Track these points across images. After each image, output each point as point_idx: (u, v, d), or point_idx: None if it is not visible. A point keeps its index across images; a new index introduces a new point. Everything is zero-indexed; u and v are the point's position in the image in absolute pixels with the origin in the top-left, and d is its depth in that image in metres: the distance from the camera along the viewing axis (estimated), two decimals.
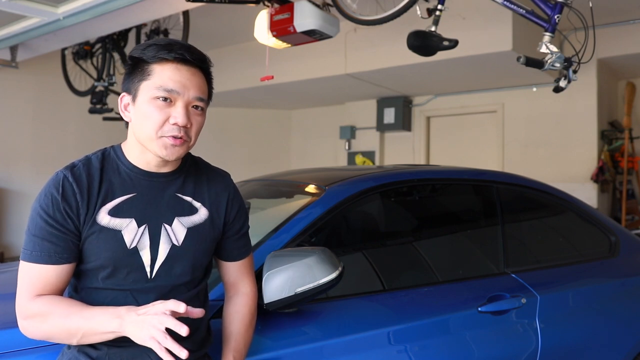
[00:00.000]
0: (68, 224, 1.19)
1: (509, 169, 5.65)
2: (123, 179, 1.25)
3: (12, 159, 6.13)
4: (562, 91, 2.70)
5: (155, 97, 1.19)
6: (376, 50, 5.16)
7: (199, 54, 1.25)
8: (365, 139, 6.85)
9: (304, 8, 3.28)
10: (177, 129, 1.19)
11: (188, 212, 1.29)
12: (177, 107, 1.20)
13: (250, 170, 4.99)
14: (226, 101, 7.12)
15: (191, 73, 1.22)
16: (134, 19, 4.05)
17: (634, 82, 5.91)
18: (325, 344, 1.63)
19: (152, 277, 1.23)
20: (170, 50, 1.20)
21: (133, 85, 1.22)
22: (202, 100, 1.24)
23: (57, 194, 1.18)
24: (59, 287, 1.21)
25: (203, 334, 1.36)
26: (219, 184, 1.38)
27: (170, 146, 1.20)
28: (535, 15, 2.63)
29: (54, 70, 5.71)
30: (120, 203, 1.22)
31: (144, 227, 1.23)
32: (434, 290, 1.98)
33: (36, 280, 1.19)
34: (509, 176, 2.49)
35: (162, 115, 1.19)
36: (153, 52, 1.20)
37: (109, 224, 1.20)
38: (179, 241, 1.26)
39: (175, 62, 1.20)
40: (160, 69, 1.20)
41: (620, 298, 2.37)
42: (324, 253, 1.52)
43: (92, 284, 1.23)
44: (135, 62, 1.23)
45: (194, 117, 1.23)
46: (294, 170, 2.78)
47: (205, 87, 1.26)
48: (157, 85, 1.19)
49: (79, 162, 1.24)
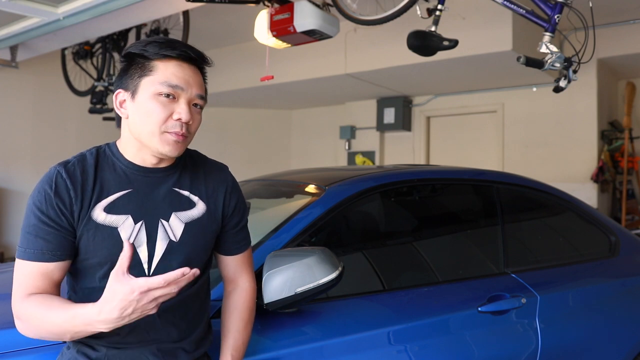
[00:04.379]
0: (61, 220, 1.17)
1: (509, 169, 5.65)
2: (119, 175, 1.24)
3: (12, 159, 6.13)
4: (562, 91, 2.70)
5: (159, 93, 1.18)
6: (376, 50, 5.16)
7: (200, 53, 1.26)
8: (365, 139, 6.85)
9: (304, 8, 3.28)
10: (180, 125, 1.19)
11: (185, 207, 1.28)
12: (181, 104, 1.20)
13: (250, 170, 4.99)
14: (226, 101, 7.12)
15: (193, 71, 1.23)
16: (134, 19, 4.05)
17: (634, 82, 5.91)
18: (325, 344, 1.63)
19: (150, 273, 1.22)
20: (174, 47, 1.20)
21: (132, 81, 1.21)
22: (203, 99, 1.25)
23: (50, 190, 1.17)
24: (53, 285, 1.19)
25: (202, 333, 1.35)
26: (217, 177, 1.36)
27: (173, 142, 1.20)
28: (535, 15, 2.63)
29: (54, 70, 5.71)
30: (116, 199, 1.21)
31: (141, 223, 1.22)
32: (434, 290, 1.98)
33: (29, 277, 1.17)
34: (509, 176, 2.49)
35: (166, 111, 1.19)
36: (156, 49, 1.19)
37: (105, 220, 1.19)
38: (176, 236, 1.25)
39: (179, 60, 1.21)
40: (163, 65, 1.20)
41: (620, 298, 2.37)
42: (324, 253, 1.52)
43: (90, 283, 1.22)
44: (133, 59, 1.22)
45: (195, 115, 1.24)
46: (294, 170, 2.78)
47: (204, 87, 1.27)
48: (161, 80, 1.18)
49: (73, 159, 1.24)
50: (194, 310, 1.31)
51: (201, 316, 1.35)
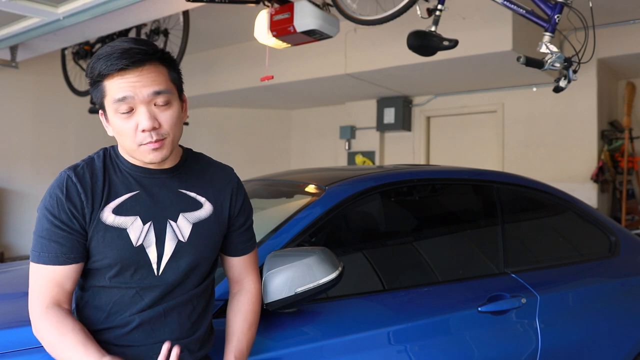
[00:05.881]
0: (74, 223, 1.19)
1: (509, 169, 5.65)
2: (125, 177, 1.26)
3: (12, 159, 6.13)
4: (562, 91, 2.70)
5: (117, 111, 1.18)
6: (376, 50, 5.16)
7: (142, 49, 1.17)
8: (365, 139, 6.85)
9: (304, 8, 3.28)
10: (149, 135, 1.18)
11: (193, 208, 1.29)
12: (139, 113, 1.17)
13: (250, 170, 4.98)
14: (226, 101, 7.12)
15: (138, 73, 1.16)
16: (134, 19, 4.05)
17: (634, 82, 5.91)
18: (325, 344, 1.63)
19: (159, 273, 1.24)
20: (108, 63, 1.15)
21: (101, 104, 1.22)
22: (161, 93, 1.18)
23: (61, 195, 1.19)
24: (68, 288, 1.22)
25: (206, 333, 1.36)
26: (223, 178, 1.38)
27: (152, 151, 1.20)
28: (535, 15, 2.63)
29: (54, 70, 5.71)
30: (124, 201, 1.23)
31: (149, 224, 1.23)
32: (434, 290, 1.98)
33: (45, 281, 1.20)
34: (509, 176, 2.49)
35: (130, 125, 1.18)
36: (96, 71, 1.17)
37: (114, 222, 1.21)
38: (184, 237, 1.26)
39: (118, 72, 1.15)
40: (109, 83, 1.17)
41: (620, 298, 2.37)
42: (324, 253, 1.52)
43: (99, 282, 1.24)
44: (92, 84, 1.21)
45: (161, 114, 1.19)
46: (294, 170, 2.78)
47: (162, 78, 1.19)
48: (111, 100, 1.17)
49: (82, 162, 1.26)
50: (198, 309, 1.32)
51: (206, 316, 1.36)
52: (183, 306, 1.28)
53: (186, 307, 1.29)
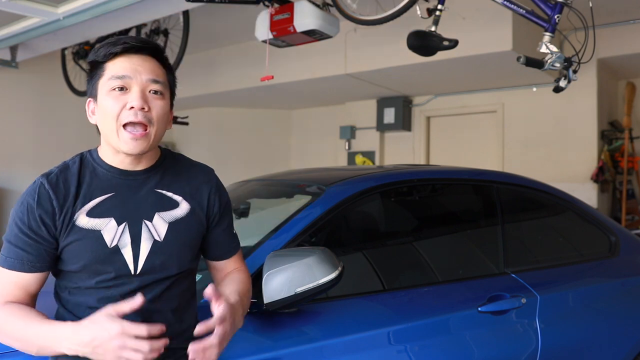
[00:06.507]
0: (42, 231, 1.19)
1: (509, 169, 5.65)
2: (100, 179, 1.26)
3: (12, 159, 6.13)
4: (562, 91, 2.70)
5: (111, 88, 1.20)
6: (376, 50, 5.16)
7: (149, 42, 1.26)
8: (365, 139, 6.85)
9: (304, 8, 3.28)
10: (134, 113, 1.19)
11: (169, 207, 1.29)
12: (133, 92, 1.20)
13: (251, 170, 4.99)
14: (226, 101, 7.12)
15: (142, 59, 1.23)
16: (134, 19, 4.04)
17: (634, 82, 5.90)
18: (325, 344, 1.63)
19: (137, 273, 1.23)
20: (117, 43, 1.22)
21: (94, 87, 1.24)
22: (158, 83, 1.24)
23: (32, 202, 1.20)
24: (31, 294, 1.23)
25: (191, 329, 1.34)
26: (200, 178, 1.37)
27: (130, 140, 1.20)
28: (535, 15, 2.63)
29: (54, 70, 5.70)
30: (98, 203, 1.23)
31: (124, 225, 1.23)
32: (434, 290, 1.98)
33: (7, 285, 1.21)
34: (509, 176, 2.49)
35: (119, 103, 1.20)
36: (103, 51, 1.22)
37: (88, 224, 1.21)
38: (160, 236, 1.26)
39: (125, 53, 1.22)
40: (112, 64, 1.22)
41: (620, 298, 2.37)
42: (324, 253, 1.52)
43: (77, 284, 1.24)
44: (93, 67, 1.25)
45: (153, 102, 1.23)
46: (294, 170, 2.78)
47: (161, 72, 1.26)
48: (109, 76, 1.21)
49: (56, 169, 1.26)
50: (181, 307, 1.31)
51: (189, 312, 1.34)
52: (165, 304, 1.27)
53: (168, 305, 1.28)
